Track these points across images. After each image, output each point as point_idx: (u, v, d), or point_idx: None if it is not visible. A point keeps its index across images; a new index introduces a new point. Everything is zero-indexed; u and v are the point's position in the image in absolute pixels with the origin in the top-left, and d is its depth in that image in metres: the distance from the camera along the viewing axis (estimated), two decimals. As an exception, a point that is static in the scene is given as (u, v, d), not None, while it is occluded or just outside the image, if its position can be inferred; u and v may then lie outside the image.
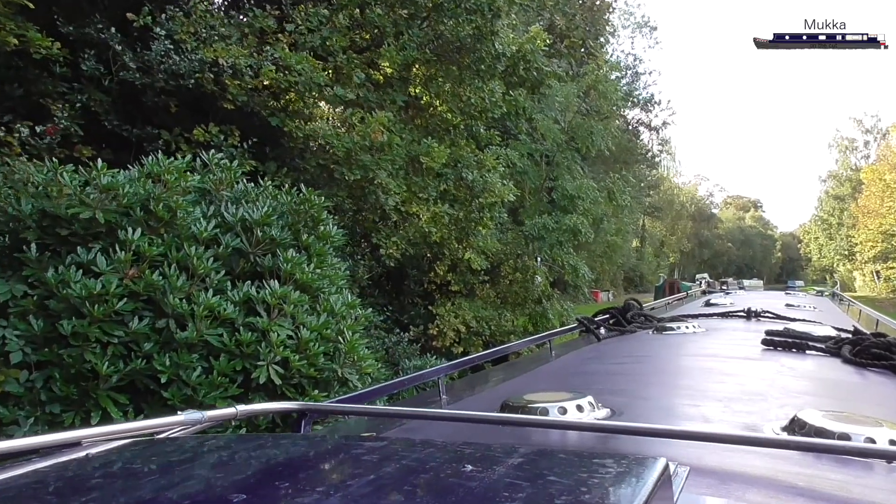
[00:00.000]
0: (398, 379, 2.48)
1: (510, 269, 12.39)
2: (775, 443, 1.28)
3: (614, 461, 0.84)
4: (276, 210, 4.43)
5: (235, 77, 6.67)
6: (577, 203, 11.57)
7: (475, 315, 11.19)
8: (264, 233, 4.20)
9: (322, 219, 4.74)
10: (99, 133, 6.97)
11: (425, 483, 0.79)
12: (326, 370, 4.10)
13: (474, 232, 9.12)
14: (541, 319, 12.46)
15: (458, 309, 11.10)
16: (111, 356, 3.53)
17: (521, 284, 12.00)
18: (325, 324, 4.17)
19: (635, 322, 3.94)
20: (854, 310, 6.81)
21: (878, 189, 46.86)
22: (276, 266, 4.15)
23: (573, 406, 1.57)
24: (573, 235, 10.83)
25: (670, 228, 65.68)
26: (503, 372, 3.27)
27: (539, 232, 11.03)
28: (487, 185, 8.35)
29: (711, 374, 2.39)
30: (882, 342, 2.60)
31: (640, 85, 35.35)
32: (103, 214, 3.68)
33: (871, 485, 1.14)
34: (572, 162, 12.40)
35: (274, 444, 1.09)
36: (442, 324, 10.76)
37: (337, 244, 5.15)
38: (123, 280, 3.66)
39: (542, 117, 11.53)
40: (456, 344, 10.95)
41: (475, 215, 8.74)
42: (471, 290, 11.85)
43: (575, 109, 12.26)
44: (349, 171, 7.11)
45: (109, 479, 0.91)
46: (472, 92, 8.42)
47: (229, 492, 0.77)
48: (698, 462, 1.15)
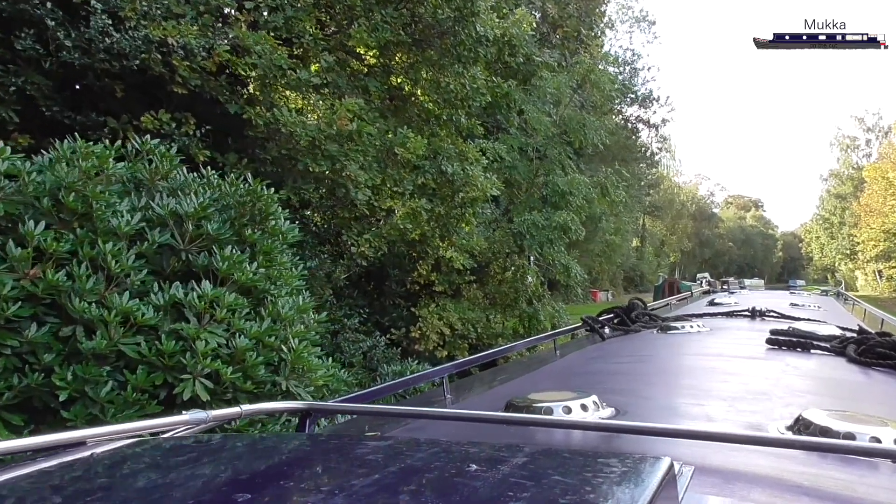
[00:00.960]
0: (402, 378, 2.49)
1: (499, 269, 11.82)
2: (780, 442, 1.27)
3: (619, 461, 0.85)
4: (216, 202, 3.94)
5: (187, 58, 6.08)
6: (569, 199, 10.98)
7: (461, 317, 10.62)
8: (199, 227, 3.68)
9: (271, 213, 4.18)
10: (40, 120, 6.38)
11: (430, 483, 0.79)
12: (268, 383, 3.64)
13: (456, 229, 8.53)
14: (531, 321, 11.90)
15: (442, 310, 10.54)
16: (2, 370, 3.07)
17: (511, 284, 11.44)
18: (269, 330, 3.70)
19: (639, 321, 3.93)
20: (859, 309, 6.74)
21: (880, 187, 46.38)
22: (210, 265, 3.65)
23: (577, 405, 1.56)
24: (563, 233, 10.24)
25: (671, 228, 65.54)
26: (507, 371, 3.25)
27: (528, 229, 10.44)
28: (469, 178, 7.75)
29: (716, 373, 2.39)
30: (887, 342, 2.57)
31: (638, 81, 34.77)
32: (3, 205, 3.19)
33: (877, 484, 1.13)
34: (564, 157, 11.80)
35: (278, 444, 1.10)
36: (424, 326, 10.20)
37: (291, 241, 4.58)
38: (21, 281, 3.17)
39: (533, 109, 10.95)
40: (440, 347, 10.38)
41: (457, 211, 8.15)
42: (457, 291, 11.29)
43: (567, 101, 11.66)
44: (314, 162, 6.52)
45: (114, 479, 0.91)
46: (453, 78, 7.83)
47: (234, 491, 0.75)
48: (703, 461, 1.14)
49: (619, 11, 34.48)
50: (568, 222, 10.19)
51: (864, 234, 50.14)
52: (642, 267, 53.85)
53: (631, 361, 2.91)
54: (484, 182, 7.88)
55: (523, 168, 11.45)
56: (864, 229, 49.69)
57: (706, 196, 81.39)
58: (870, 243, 49.24)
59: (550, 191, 11.02)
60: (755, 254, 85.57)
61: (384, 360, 9.60)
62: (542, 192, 11.16)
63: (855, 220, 54.31)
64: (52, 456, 0.98)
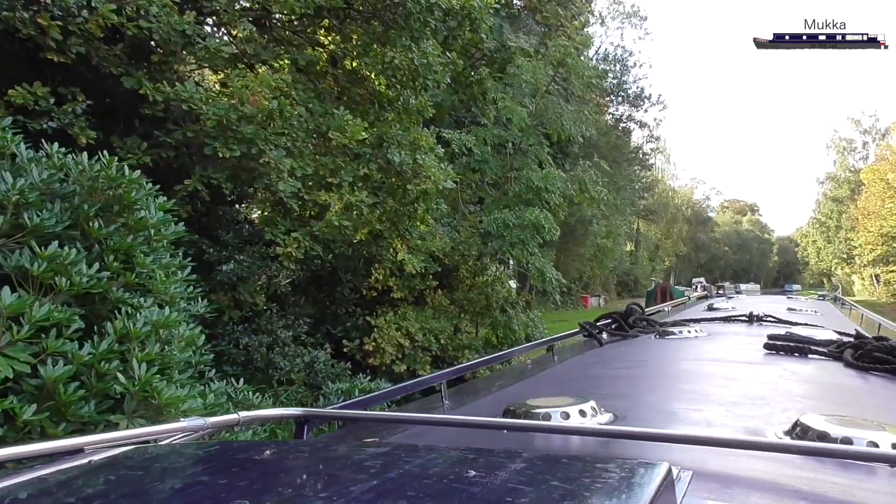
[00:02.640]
0: (400, 385, 2.54)
1: (468, 273, 10.75)
2: (778, 447, 1.27)
3: (617, 466, 0.87)
4: (47, 184, 3.13)
5: (63, 18, 5.02)
6: (544, 196, 9.94)
7: (423, 326, 9.52)
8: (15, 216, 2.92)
9: (134, 202, 3.36)
10: None
11: (428, 489, 0.80)
12: (99, 423, 2.84)
13: (409, 227, 7.49)
14: (504, 330, 10.83)
15: (402, 319, 9.44)
16: None
17: (481, 290, 10.37)
18: (106, 353, 2.91)
19: (637, 326, 3.92)
20: (856, 314, 6.70)
21: (878, 190, 45.65)
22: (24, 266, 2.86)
23: (576, 411, 1.56)
24: (536, 232, 9.19)
25: (665, 232, 64.89)
26: (505, 377, 3.26)
27: (498, 229, 9.39)
28: (420, 169, 6.70)
29: (714, 378, 2.38)
30: (884, 346, 2.57)
31: (629, 79, 33.77)
32: None
33: (874, 488, 1.14)
34: (540, 150, 10.76)
35: (276, 451, 1.09)
36: (380, 337, 9.09)
37: (171, 238, 3.63)
38: None
39: (506, 98, 9.93)
40: (398, 361, 9.28)
41: (408, 207, 7.09)
42: (420, 298, 10.20)
43: (545, 89, 10.63)
44: (224, 146, 5.47)
45: (111, 486, 0.91)
46: (399, 52, 6.80)
47: (231, 499, 0.75)
48: (701, 466, 1.13)
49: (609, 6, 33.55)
50: (540, 220, 9.12)
51: (861, 238, 49.54)
52: (636, 272, 52.98)
53: (629, 367, 2.89)
54: (436, 173, 6.82)
55: (495, 163, 10.40)
56: (862, 233, 49.06)
57: (702, 200, 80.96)
58: (867, 247, 48.63)
59: (524, 186, 9.97)
60: (751, 258, 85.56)
61: (331, 375, 8.51)
62: (515, 189, 10.12)
63: (852, 223, 53.79)
64: (49, 463, 0.98)
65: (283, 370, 7.40)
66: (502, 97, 9.95)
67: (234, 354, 7.05)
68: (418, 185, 6.73)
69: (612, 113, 35.07)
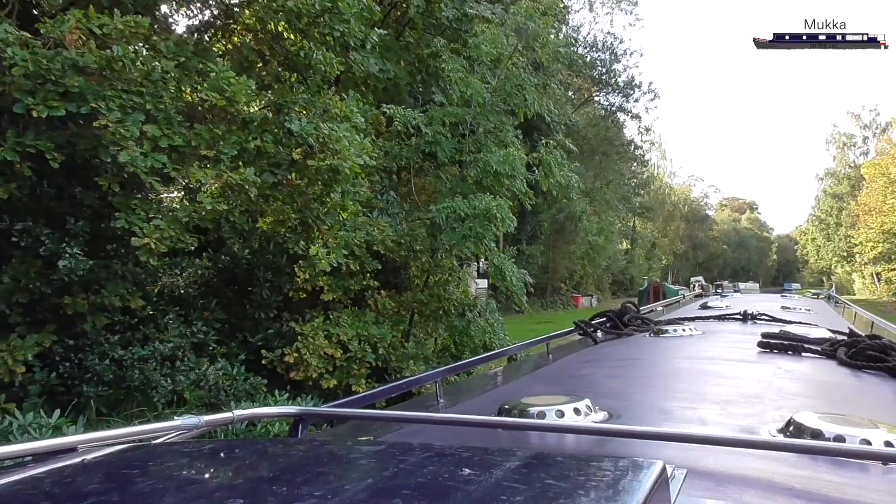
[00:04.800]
0: (395, 383, 2.51)
1: (419, 272, 9.40)
2: (772, 445, 1.28)
3: (612, 464, 0.86)
4: None
5: None
6: (504, 182, 8.57)
7: (359, 333, 8.14)
8: None
9: None
10: None
11: (423, 487, 0.79)
12: None
13: (323, 216, 6.07)
14: (461, 336, 9.49)
15: (334, 325, 8.07)
16: None
17: (432, 291, 9.01)
18: None
19: (632, 325, 3.92)
20: (849, 312, 6.69)
21: (880, 185, 44.36)
22: None
23: (570, 409, 1.56)
24: (487, 222, 7.81)
25: (662, 230, 63.68)
26: (500, 375, 3.23)
27: (448, 220, 8.01)
28: (326, 141, 5.28)
29: (708, 376, 2.39)
30: (877, 344, 2.58)
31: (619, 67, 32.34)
32: None
33: (867, 486, 1.14)
34: (503, 130, 9.37)
35: (271, 449, 1.09)
36: (303, 347, 7.71)
37: None
38: None
39: (457, 68, 8.56)
40: (327, 374, 7.91)
41: (316, 189, 5.69)
42: (359, 300, 8.85)
43: (508, 61, 9.23)
44: (41, 104, 4.12)
45: (105, 485, 0.89)
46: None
47: (226, 498, 0.75)
48: (695, 464, 1.14)
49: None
50: (492, 208, 7.72)
51: (862, 235, 48.33)
52: (632, 270, 51.70)
53: (624, 365, 2.89)
54: (347, 147, 5.38)
55: (448, 145, 9.01)
56: (863, 230, 47.84)
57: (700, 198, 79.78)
58: (868, 244, 47.46)
59: (480, 170, 8.60)
60: (750, 257, 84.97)
61: (240, 393, 7.14)
62: (472, 174, 8.76)
63: (852, 220, 52.66)
64: (43, 462, 0.97)
65: (164, 389, 6.03)
66: (455, 69, 8.57)
67: (100, 371, 5.69)
68: (322, 160, 5.30)
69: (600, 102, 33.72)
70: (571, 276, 37.85)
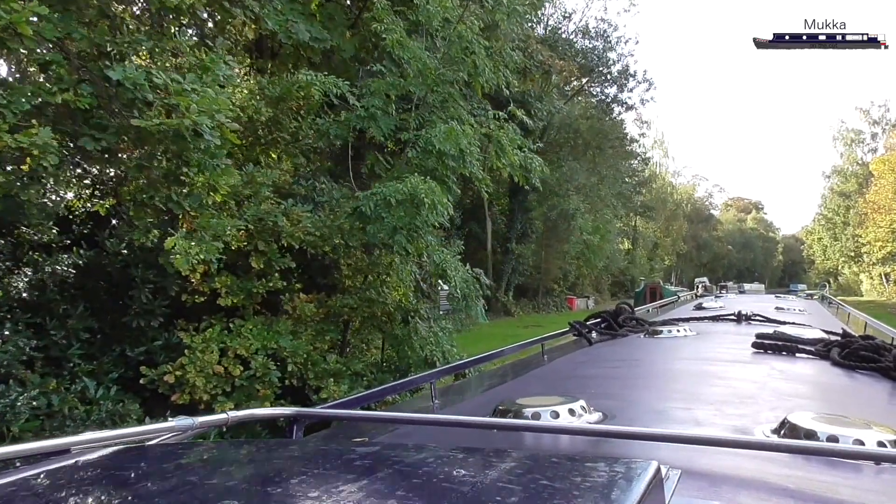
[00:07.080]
0: (390, 384, 2.53)
1: (350, 271, 7.98)
2: (766, 445, 1.28)
3: (606, 465, 0.86)
4: None
5: None
6: (450, 164, 7.17)
7: (265, 346, 6.74)
8: None
9: None
10: None
11: (418, 488, 0.79)
12: None
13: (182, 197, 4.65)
14: (402, 348, 8.10)
15: (234, 336, 6.69)
16: None
17: (363, 294, 7.59)
18: None
19: (627, 326, 3.94)
20: (843, 313, 6.71)
21: (889, 182, 42.83)
22: None
23: (565, 410, 1.55)
24: (415, 209, 6.35)
25: (664, 229, 62.05)
26: (495, 376, 3.24)
27: (376, 209, 6.59)
28: (166, 95, 3.88)
29: (702, 377, 2.39)
30: (870, 345, 2.60)
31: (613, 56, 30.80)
32: None
33: (860, 486, 1.15)
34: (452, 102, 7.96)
35: (265, 451, 1.08)
36: (189, 364, 6.31)
37: None
38: None
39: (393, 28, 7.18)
40: (222, 397, 6.52)
41: (168, 164, 4.28)
42: (272, 305, 7.46)
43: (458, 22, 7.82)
44: None
45: (98, 487, 0.88)
46: None
47: (220, 499, 0.74)
48: (690, 465, 1.13)
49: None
50: (419, 192, 6.25)
51: (870, 234, 46.91)
52: (633, 271, 50.15)
53: (618, 366, 2.89)
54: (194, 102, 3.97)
55: (387, 121, 7.60)
56: (871, 228, 46.40)
57: (704, 197, 78.22)
58: (877, 244, 46.05)
59: (421, 150, 7.20)
60: (755, 257, 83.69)
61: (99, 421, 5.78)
62: (410, 154, 7.35)
63: (860, 219, 51.19)
64: (36, 464, 0.96)
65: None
66: (390, 29, 7.18)
67: None
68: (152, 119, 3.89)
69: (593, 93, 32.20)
70: (566, 277, 36.38)
